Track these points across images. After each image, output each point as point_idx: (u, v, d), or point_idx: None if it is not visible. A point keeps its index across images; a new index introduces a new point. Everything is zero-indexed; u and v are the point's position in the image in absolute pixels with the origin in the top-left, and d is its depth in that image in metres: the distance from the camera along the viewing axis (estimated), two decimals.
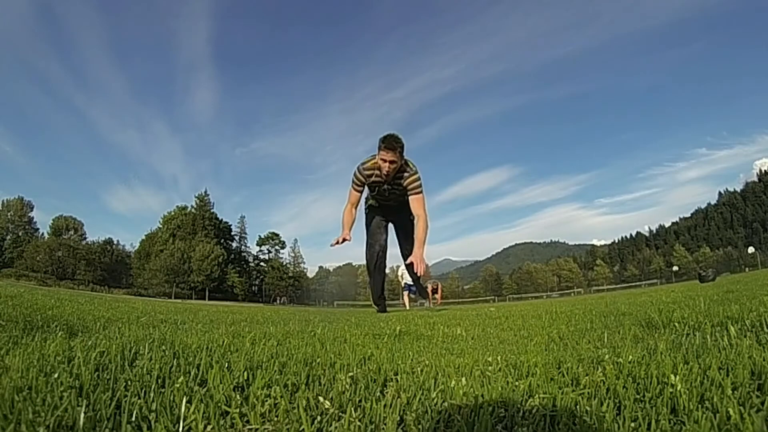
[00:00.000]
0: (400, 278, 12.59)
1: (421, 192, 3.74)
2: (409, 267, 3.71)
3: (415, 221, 3.73)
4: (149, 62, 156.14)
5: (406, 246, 4.10)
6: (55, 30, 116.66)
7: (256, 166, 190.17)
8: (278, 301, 53.80)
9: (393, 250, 4.47)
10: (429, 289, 14.72)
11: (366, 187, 3.95)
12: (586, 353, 1.07)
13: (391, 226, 4.38)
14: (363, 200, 4.17)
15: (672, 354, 0.97)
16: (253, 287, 59.83)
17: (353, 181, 3.84)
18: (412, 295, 13.07)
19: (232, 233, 61.40)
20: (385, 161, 3.59)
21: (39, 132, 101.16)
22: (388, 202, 4.10)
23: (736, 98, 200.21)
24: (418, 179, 3.73)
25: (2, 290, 3.79)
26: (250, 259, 62.73)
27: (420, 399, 0.74)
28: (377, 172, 3.72)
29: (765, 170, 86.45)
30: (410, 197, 3.74)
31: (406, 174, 3.72)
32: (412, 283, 11.24)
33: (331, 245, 3.71)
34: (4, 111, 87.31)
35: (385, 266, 4.36)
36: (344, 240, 3.70)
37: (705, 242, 76.94)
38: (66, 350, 0.96)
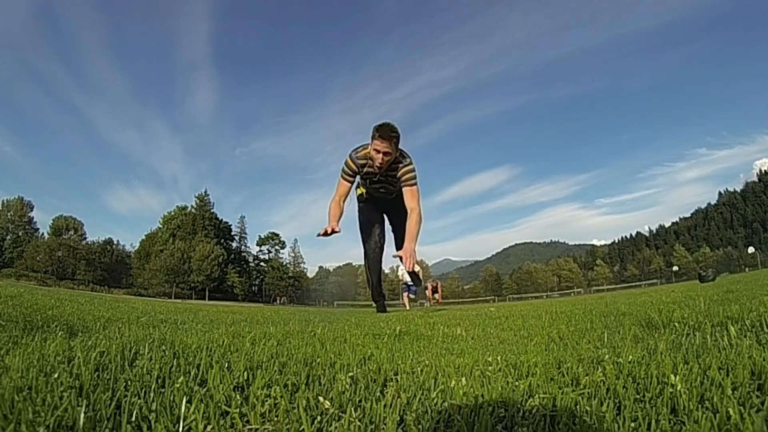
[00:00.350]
0: (400, 278, 12.63)
1: (415, 184, 3.57)
2: (401, 260, 3.64)
3: (408, 214, 3.55)
4: (149, 62, 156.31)
5: (401, 239, 3.91)
6: (55, 30, 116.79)
7: (256, 166, 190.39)
8: (278, 301, 53.78)
9: (392, 249, 4.42)
10: (429, 289, 14.82)
11: (357, 177, 3.74)
12: (586, 353, 1.07)
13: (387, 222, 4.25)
14: (354, 191, 3.92)
15: (672, 354, 0.97)
16: (253, 287, 59.83)
17: (343, 170, 3.60)
18: (412, 296, 13.11)
19: (232, 233, 61.48)
20: (378, 152, 3.39)
21: (39, 132, 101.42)
22: (381, 194, 3.95)
23: (736, 98, 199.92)
24: (413, 170, 3.56)
25: (2, 290, 3.80)
26: (250, 259, 62.78)
27: (420, 399, 0.74)
28: (370, 162, 3.52)
29: (765, 170, 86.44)
30: (404, 189, 3.58)
31: (400, 165, 3.55)
32: (412, 283, 11.28)
33: (318, 235, 3.46)
34: (4, 111, 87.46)
35: (381, 262, 4.24)
36: (333, 231, 3.44)
37: (705, 242, 76.92)
38: (66, 350, 0.96)
